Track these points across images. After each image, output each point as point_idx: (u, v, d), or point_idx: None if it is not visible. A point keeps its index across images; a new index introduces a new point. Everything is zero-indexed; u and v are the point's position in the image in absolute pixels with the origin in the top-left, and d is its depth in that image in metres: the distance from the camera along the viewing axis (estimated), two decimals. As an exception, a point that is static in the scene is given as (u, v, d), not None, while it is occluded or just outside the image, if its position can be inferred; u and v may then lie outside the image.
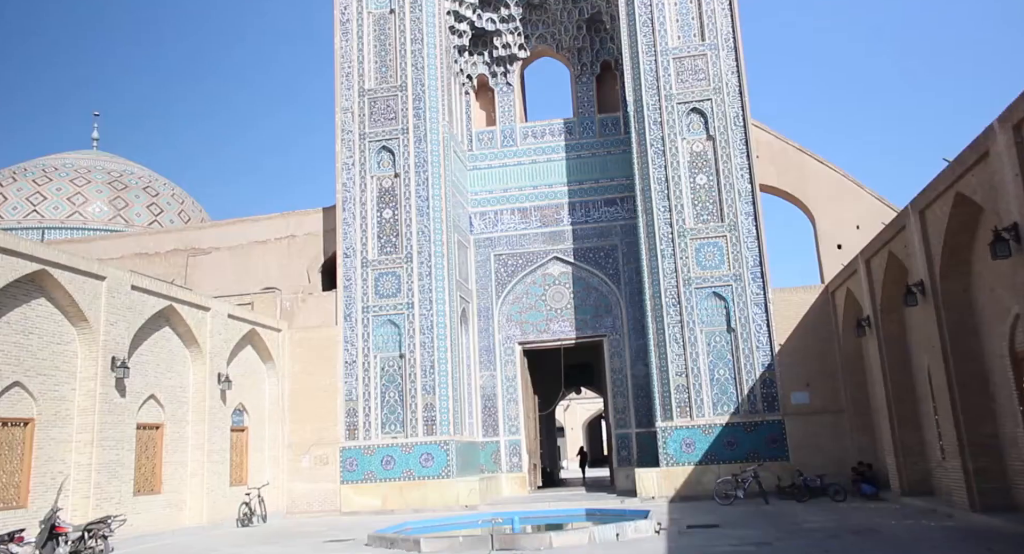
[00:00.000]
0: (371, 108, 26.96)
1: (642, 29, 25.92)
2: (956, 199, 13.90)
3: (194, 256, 28.29)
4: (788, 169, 26.18)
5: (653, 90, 25.55)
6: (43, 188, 35.23)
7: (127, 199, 36.34)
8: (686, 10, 26.01)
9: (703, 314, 24.12)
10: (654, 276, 24.58)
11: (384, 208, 26.27)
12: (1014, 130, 11.47)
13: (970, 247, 14.68)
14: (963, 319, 14.97)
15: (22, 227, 33.68)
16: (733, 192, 24.60)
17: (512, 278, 28.57)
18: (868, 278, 19.68)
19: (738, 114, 25.06)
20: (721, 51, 25.47)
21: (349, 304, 25.65)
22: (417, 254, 25.55)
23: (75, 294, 16.33)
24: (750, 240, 24.27)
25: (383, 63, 27.30)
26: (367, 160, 26.58)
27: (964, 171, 13.32)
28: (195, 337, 20.71)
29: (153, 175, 39.23)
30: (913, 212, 15.85)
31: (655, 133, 25.28)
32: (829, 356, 23.50)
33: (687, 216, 24.72)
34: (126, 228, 34.83)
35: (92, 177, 36.41)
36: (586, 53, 30.48)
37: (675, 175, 24.94)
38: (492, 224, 29.10)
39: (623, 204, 28.35)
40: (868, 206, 25.23)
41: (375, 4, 27.69)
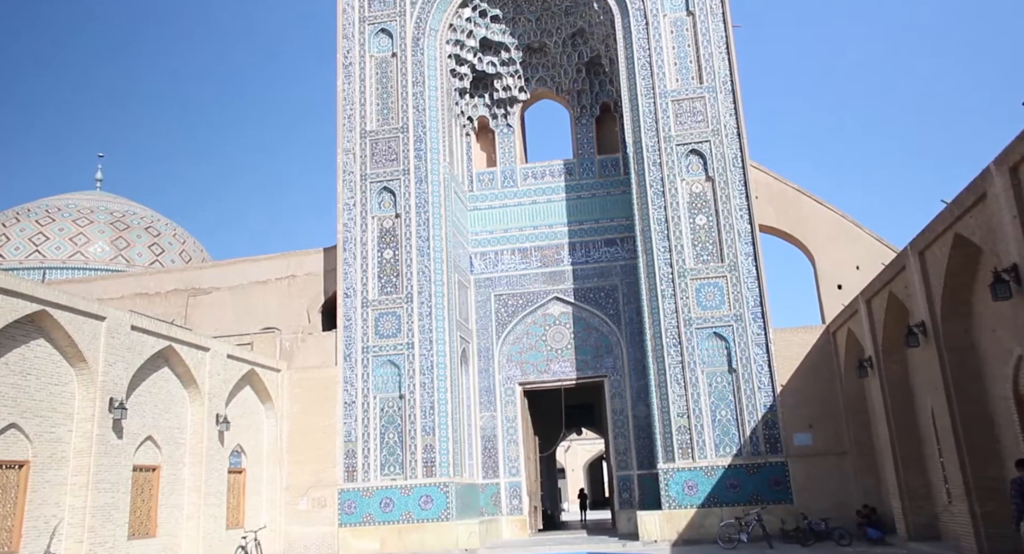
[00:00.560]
0: (372, 149, 27.19)
1: (641, 72, 26.25)
2: (955, 240, 13.93)
3: (194, 296, 28.29)
4: (787, 210, 26.30)
5: (652, 132, 25.79)
6: (46, 228, 35.41)
7: (129, 239, 36.48)
8: (684, 54, 26.37)
9: (704, 354, 24.04)
10: (655, 316, 24.55)
11: (385, 248, 26.34)
12: (1011, 172, 11.55)
13: (970, 288, 14.67)
14: (965, 360, 14.90)
15: (24, 267, 33.76)
16: (733, 233, 24.68)
17: (512, 318, 28.54)
18: (869, 319, 19.64)
19: (736, 155, 25.26)
20: (719, 94, 25.77)
21: (349, 344, 25.57)
22: (417, 294, 25.55)
23: (74, 335, 16.29)
24: (750, 280, 24.28)
25: (385, 105, 27.61)
26: (368, 201, 26.73)
27: (962, 213, 13.38)
28: (194, 377, 20.60)
29: (155, 215, 39.44)
30: (912, 253, 15.88)
31: (654, 174, 25.46)
32: (831, 397, 23.35)
33: (687, 256, 24.77)
34: (127, 268, 34.90)
35: (95, 218, 36.61)
36: (586, 95, 30.84)
37: (675, 216, 25.05)
38: (492, 264, 29.15)
39: (623, 244, 28.43)
40: (867, 246, 25.28)
41: (377, 48, 28.10)
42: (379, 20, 28.22)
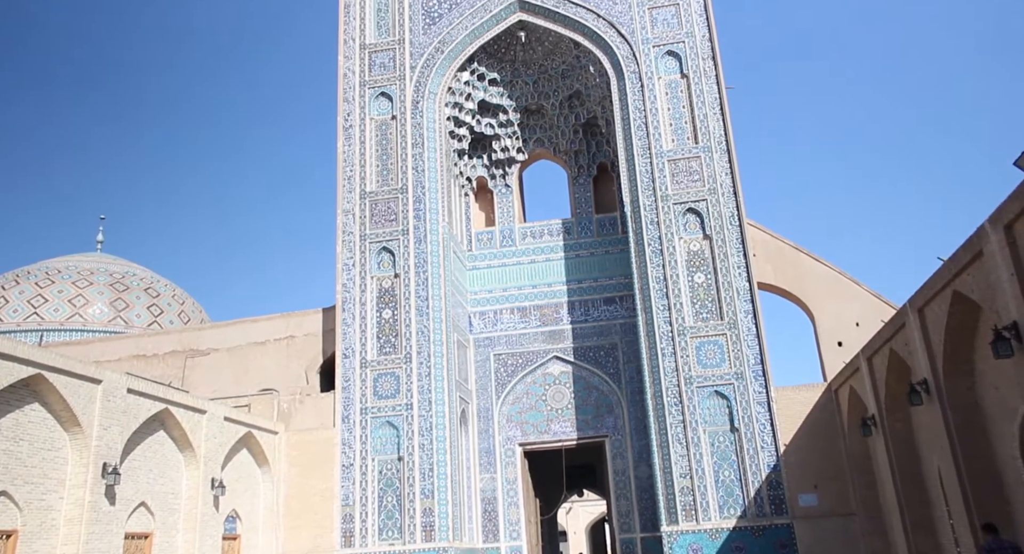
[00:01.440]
0: (372, 210, 27.40)
1: (637, 133, 26.62)
2: (954, 297, 13.91)
3: (192, 357, 28.15)
4: (785, 267, 26.37)
5: (649, 191, 26.02)
6: (45, 290, 35.45)
7: (128, 300, 36.49)
8: (679, 114, 26.78)
9: (706, 413, 23.79)
10: (655, 375, 24.38)
11: (384, 308, 26.32)
12: (1005, 230, 11.59)
13: (971, 345, 14.59)
14: (970, 419, 14.73)
15: (21, 330, 33.69)
16: (732, 290, 24.68)
17: (512, 378, 28.34)
18: (871, 376, 19.50)
19: (733, 213, 25.44)
20: (714, 153, 26.08)
21: (347, 405, 25.33)
22: (416, 354, 25.41)
23: (70, 398, 16.13)
24: (750, 338, 24.19)
25: (384, 166, 27.93)
26: (367, 261, 26.82)
27: (960, 270, 13.39)
28: (190, 441, 20.34)
29: (155, 276, 39.53)
30: (912, 310, 15.85)
31: (652, 233, 25.59)
32: (836, 456, 23.03)
33: (686, 314, 24.72)
34: (126, 329, 34.82)
35: (94, 279, 36.70)
36: (583, 155, 31.23)
37: (673, 274, 25.09)
38: (492, 324, 29.09)
39: (622, 303, 28.42)
40: (866, 303, 25.28)
41: (377, 111, 28.57)
42: (379, 84, 28.75)
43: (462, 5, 29.03)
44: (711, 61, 26.89)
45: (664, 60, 27.25)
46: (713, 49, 26.99)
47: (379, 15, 29.71)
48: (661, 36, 27.39)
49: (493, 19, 28.83)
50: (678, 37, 27.28)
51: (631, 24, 27.60)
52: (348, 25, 29.65)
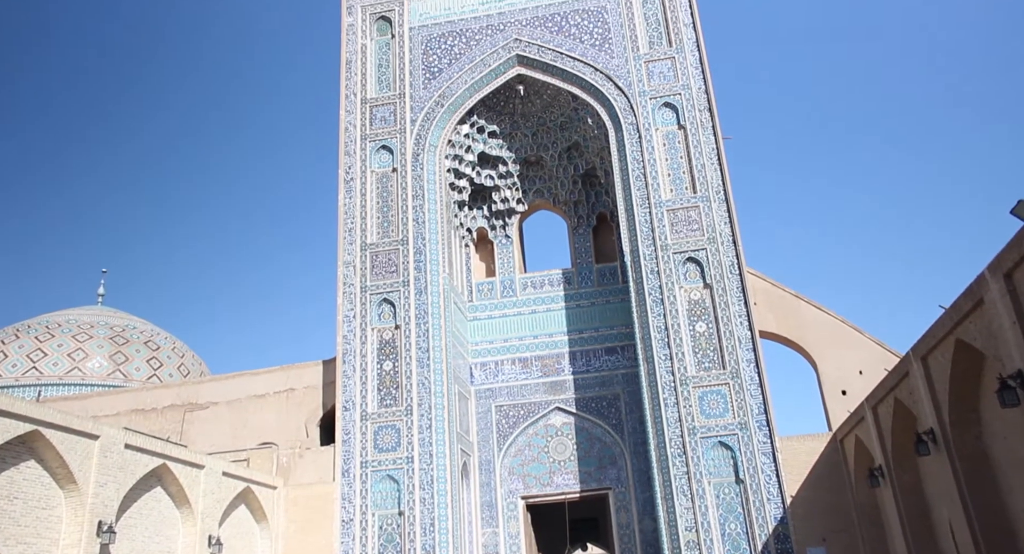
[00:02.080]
0: (373, 261, 27.46)
1: (635, 183, 26.81)
2: (957, 345, 13.83)
3: (191, 411, 27.92)
4: (786, 316, 26.30)
5: (649, 241, 26.10)
6: (44, 345, 35.38)
7: (127, 354, 36.37)
8: (677, 165, 27.02)
9: (710, 465, 23.46)
10: (658, 426, 24.12)
11: (384, 360, 26.19)
12: (1005, 278, 11.58)
13: (976, 394, 14.46)
14: (979, 469, 14.51)
15: (19, 385, 33.52)
16: (733, 339, 24.57)
17: (514, 430, 28.06)
18: (876, 426, 19.28)
19: (733, 262, 25.46)
20: (713, 203, 26.23)
21: (347, 459, 25.02)
22: (417, 407, 25.20)
23: (66, 455, 15.94)
24: (753, 387, 23.99)
25: (385, 218, 28.09)
26: (368, 312, 26.78)
27: (961, 318, 13.34)
28: (187, 497, 20.03)
29: (155, 329, 39.48)
30: (915, 358, 15.75)
31: (653, 282, 25.59)
32: (843, 508, 22.64)
33: (688, 364, 24.56)
34: (125, 383, 34.63)
35: (94, 333, 36.65)
36: (582, 206, 31.43)
37: (674, 323, 25.00)
38: (493, 375, 28.92)
39: (624, 352, 28.29)
40: (869, 352, 25.14)
41: (378, 163, 28.85)
42: (380, 137, 29.09)
43: (461, 60, 29.54)
44: (707, 112, 27.24)
45: (661, 112, 27.59)
46: (709, 101, 27.35)
47: (380, 70, 30.23)
48: (658, 88, 27.79)
49: (492, 73, 29.31)
50: (675, 89, 27.67)
51: (628, 77, 28.03)
52: (350, 80, 30.14)
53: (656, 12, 28.90)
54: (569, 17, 29.41)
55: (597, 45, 28.72)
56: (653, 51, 28.27)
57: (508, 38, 29.48)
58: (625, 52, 28.40)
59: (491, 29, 29.81)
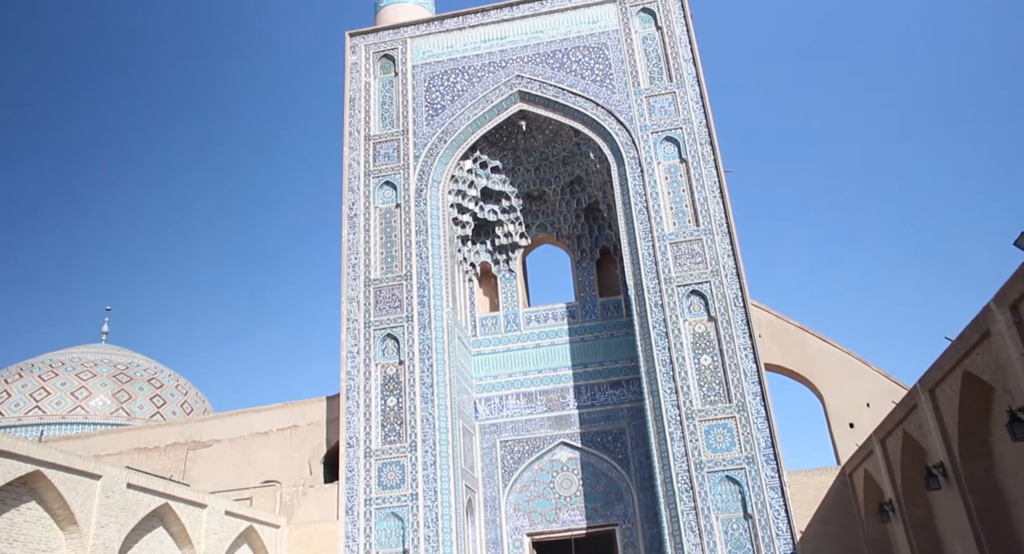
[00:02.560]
0: (376, 297, 27.47)
1: (638, 217, 26.88)
2: (965, 378, 13.73)
3: (194, 449, 27.74)
4: (791, 348, 26.19)
5: (652, 274, 26.09)
6: (48, 383, 35.32)
7: (131, 392, 36.28)
8: (679, 198, 27.11)
9: (717, 500, 23.17)
10: (664, 460, 23.88)
11: (388, 396, 26.07)
12: (1011, 310, 11.53)
13: (986, 426, 14.32)
14: (991, 504, 14.32)
15: (22, 424, 33.40)
16: (739, 372, 24.42)
17: (519, 465, 27.81)
18: (885, 459, 19.08)
19: (737, 295, 25.40)
20: (716, 235, 26.26)
21: (351, 497, 24.77)
22: (421, 443, 25.01)
23: (67, 495, 15.79)
24: (759, 421, 23.78)
25: (388, 254, 28.16)
26: (372, 348, 26.72)
27: (968, 350, 13.27)
28: (189, 537, 19.79)
29: (158, 366, 39.42)
30: (923, 391, 15.63)
31: (657, 315, 25.53)
32: (853, 543, 22.31)
33: (694, 397, 24.40)
34: (128, 421, 34.50)
35: (98, 371, 36.60)
36: (585, 240, 31.50)
37: (679, 356, 24.89)
38: (497, 410, 28.75)
39: (629, 386, 28.15)
40: (876, 384, 24.98)
41: (382, 199, 29.00)
42: (384, 173, 29.29)
43: (464, 97, 29.84)
44: (709, 146, 27.39)
45: (663, 146, 27.77)
46: (711, 134, 27.53)
47: (383, 107, 30.54)
48: (659, 123, 28.00)
49: (494, 109, 29.59)
50: (676, 124, 27.87)
51: (629, 112, 28.25)
52: (353, 117, 30.44)
53: (656, 48, 29.24)
54: (570, 53, 29.76)
55: (598, 81, 29.01)
56: (654, 86, 28.54)
57: (510, 74, 29.81)
58: (626, 87, 28.67)
59: (493, 66, 30.16)
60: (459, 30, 31.19)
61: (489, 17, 31.16)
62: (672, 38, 29.15)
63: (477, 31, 31.04)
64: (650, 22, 29.75)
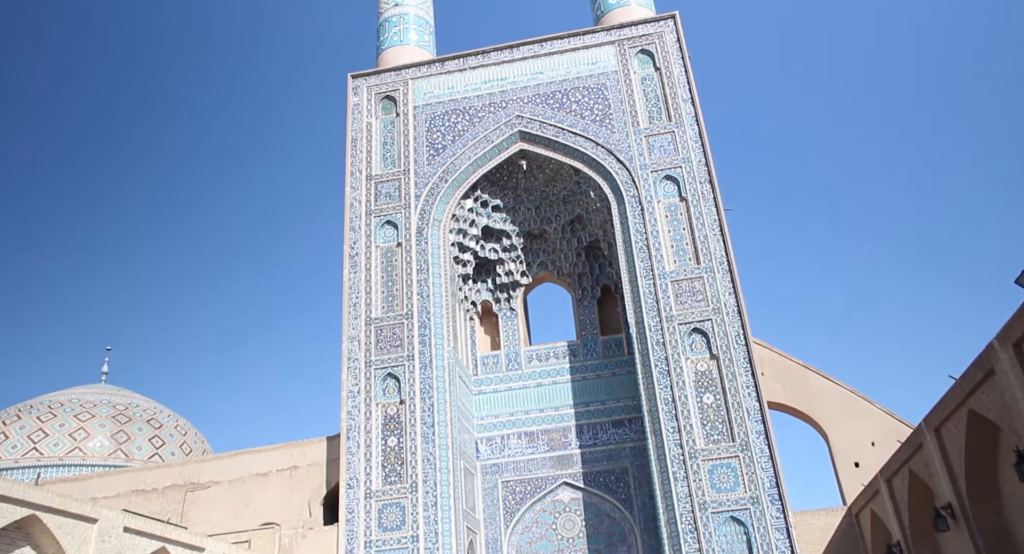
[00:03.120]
0: (377, 336, 27.40)
1: (639, 255, 26.92)
2: (970, 417, 13.63)
3: (192, 491, 27.44)
4: (794, 386, 26.05)
5: (654, 312, 26.04)
6: (46, 425, 35.08)
7: (129, 432, 36.01)
8: (680, 236, 27.17)
9: (723, 541, 22.83)
10: (668, 501, 23.58)
11: (389, 436, 25.86)
12: (1015, 349, 11.48)
13: (993, 466, 14.17)
14: (1002, 546, 14.11)
15: (19, 467, 33.08)
16: (742, 411, 24.24)
17: (520, 506, 27.47)
18: (892, 500, 18.85)
19: (739, 333, 25.31)
20: (717, 273, 26.26)
21: (351, 539, 24.42)
22: (423, 483, 24.74)
23: (63, 540, 15.56)
24: (764, 460, 23.53)
25: (389, 292, 28.16)
26: (372, 387, 26.58)
27: (973, 388, 13.19)
28: (186, 582, 19.46)
29: (158, 407, 39.19)
30: (928, 430, 15.50)
31: (658, 354, 25.43)
32: (863, 586, 21.94)
33: (697, 436, 24.18)
34: (127, 462, 34.18)
35: (96, 411, 36.38)
36: (586, 278, 31.52)
37: (681, 395, 24.73)
38: (499, 449, 28.49)
39: (631, 425, 27.93)
40: (881, 422, 24.80)
41: (383, 238, 29.09)
42: (385, 213, 29.42)
43: (465, 136, 30.11)
44: (708, 184, 27.53)
45: (663, 184, 27.92)
46: (710, 173, 27.69)
47: (385, 147, 30.80)
48: (659, 162, 28.19)
49: (495, 149, 29.83)
50: (675, 162, 28.06)
51: (629, 151, 28.47)
52: (355, 157, 30.68)
53: (655, 88, 29.56)
54: (570, 94, 30.09)
55: (598, 120, 29.28)
56: (653, 126, 28.79)
57: (510, 115, 30.11)
58: (625, 127, 28.93)
59: (493, 106, 30.48)
60: (460, 72, 31.58)
61: (489, 59, 31.58)
62: (670, 78, 29.49)
63: (478, 72, 31.43)
64: (648, 63, 30.13)
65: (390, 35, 33.99)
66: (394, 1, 34.69)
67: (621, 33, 30.79)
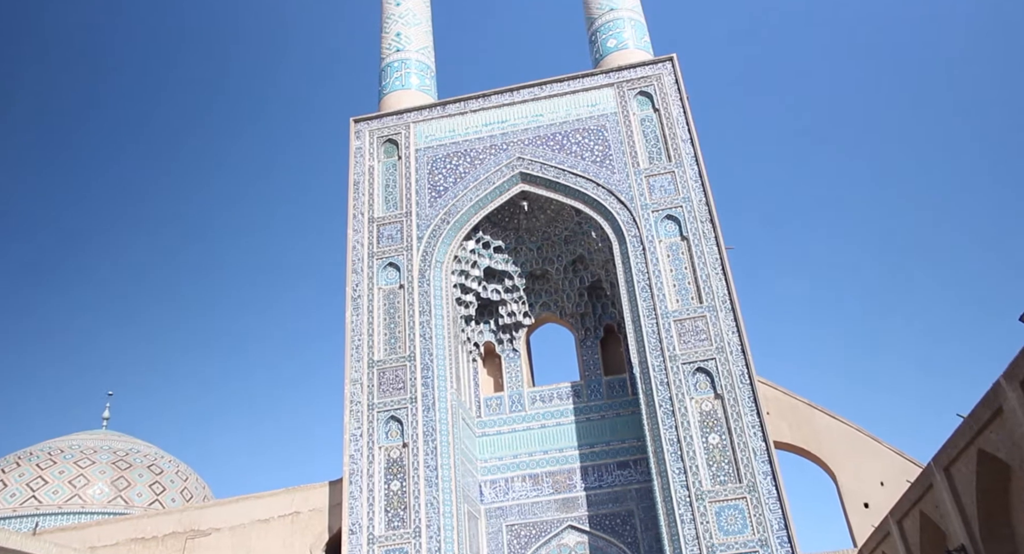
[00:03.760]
0: (380, 379, 27.27)
1: (641, 294, 26.88)
2: (980, 456, 13.45)
3: (192, 538, 27.06)
4: (800, 425, 25.82)
5: (657, 351, 25.91)
6: (46, 472, 34.76)
7: (130, 479, 35.66)
8: (682, 276, 27.15)
9: (732, 585, 22.40)
10: (675, 543, 23.19)
11: (392, 480, 25.57)
12: (1022, 387, 11.38)
13: (1006, 506, 13.94)
14: (1017, 589, 13.81)
15: (17, 515, 32.67)
16: (748, 451, 23.97)
17: (525, 550, 27.02)
18: (903, 542, 18.52)
19: (743, 372, 25.15)
20: (719, 312, 26.17)
21: (353, 587, 24.00)
22: (426, 528, 24.38)
23: (61, 591, 15.33)
24: (771, 501, 23.19)
25: (392, 335, 28.08)
26: (375, 431, 26.36)
27: (982, 427, 13.04)
28: (185, 633, 19.11)
29: (159, 452, 38.86)
30: (938, 470, 15.30)
31: (663, 393, 25.24)
32: (876, 631, 21.44)
33: (703, 478, 23.87)
34: (127, 509, 33.78)
35: (97, 458, 36.07)
36: (589, 318, 31.46)
37: (687, 435, 24.48)
38: (503, 492, 28.14)
39: (636, 466, 27.62)
40: (889, 462, 24.51)
41: (385, 280, 29.12)
42: (387, 255, 29.49)
43: (466, 179, 30.32)
44: (709, 223, 27.61)
45: (664, 224, 28.00)
46: (710, 212, 27.78)
47: (387, 190, 31.00)
48: (659, 201, 28.30)
49: (496, 191, 30.01)
50: (676, 202, 28.17)
51: (629, 191, 28.61)
52: (357, 200, 30.86)
53: (654, 129, 29.82)
54: (570, 135, 30.36)
55: (598, 161, 29.50)
56: (653, 166, 28.98)
57: (511, 156, 30.35)
58: (626, 167, 29.12)
59: (495, 148, 30.74)
60: (461, 115, 31.93)
61: (490, 102, 31.94)
62: (669, 119, 29.76)
63: (479, 115, 31.76)
64: (647, 104, 30.44)
65: (392, 80, 34.45)
66: (396, 47, 35.24)
67: (620, 75, 31.17)
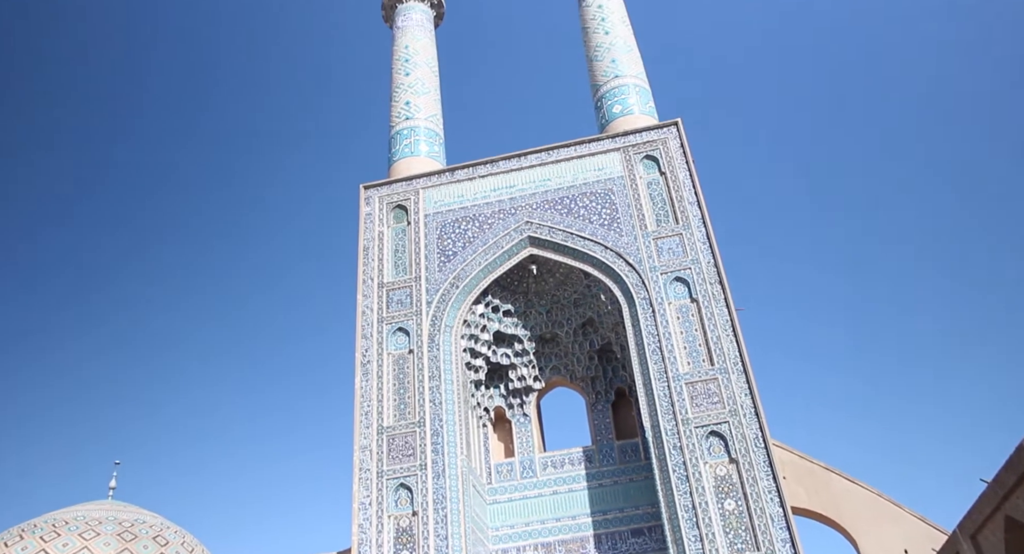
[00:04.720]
0: (389, 445, 26.96)
1: (652, 357, 26.71)
2: (1007, 523, 13.14)
3: (197, 613, 26.38)
4: (818, 490, 25.30)
5: (669, 415, 25.61)
6: (49, 545, 34.12)
7: (135, 551, 34.96)
8: (692, 338, 27.02)
9: None
10: (694, 616, 22.50)
11: (401, 549, 25.03)
12: (1048, 451, 11.19)
13: (1036, 575, 13.54)
14: None
15: (17, 592, 31.95)
16: (765, 517, 23.44)
17: (539, 623, 26.26)
18: (931, 612, 17.95)
19: (757, 435, 24.79)
20: (732, 374, 25.95)
21: None
22: (436, 601, 23.75)
23: None
24: (792, 570, 22.58)
25: (401, 400, 27.88)
26: (384, 499, 25.94)
27: (1008, 493, 12.78)
28: None
29: (165, 523, 38.20)
30: (964, 537, 14.92)
31: (676, 458, 24.85)
32: None
33: (720, 545, 23.30)
34: (129, 582, 32.99)
35: (102, 529, 35.47)
36: (600, 381, 31.23)
37: (702, 501, 24.00)
38: (515, 562, 27.46)
39: (651, 534, 27.02)
40: (912, 528, 23.91)
41: (394, 346, 29.05)
42: (396, 320, 29.49)
43: (475, 243, 30.51)
44: (719, 285, 27.60)
45: (673, 286, 28.00)
46: (719, 274, 27.79)
47: (396, 255, 31.19)
48: (668, 264, 28.37)
49: (505, 254, 30.17)
50: (684, 264, 28.23)
51: (638, 254, 28.72)
52: (367, 265, 31.03)
53: (661, 192, 30.09)
54: (578, 199, 30.65)
55: (606, 224, 29.70)
56: (661, 228, 29.16)
57: (519, 221, 30.60)
58: (634, 230, 29.30)
59: (503, 213, 31.02)
60: (469, 180, 32.33)
61: (498, 167, 32.37)
62: (676, 182, 30.06)
63: (487, 181, 32.16)
64: (654, 168, 30.80)
65: (401, 147, 35.02)
66: (405, 115, 35.94)
67: (626, 140, 31.63)
